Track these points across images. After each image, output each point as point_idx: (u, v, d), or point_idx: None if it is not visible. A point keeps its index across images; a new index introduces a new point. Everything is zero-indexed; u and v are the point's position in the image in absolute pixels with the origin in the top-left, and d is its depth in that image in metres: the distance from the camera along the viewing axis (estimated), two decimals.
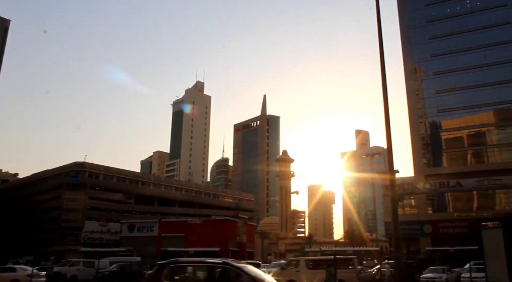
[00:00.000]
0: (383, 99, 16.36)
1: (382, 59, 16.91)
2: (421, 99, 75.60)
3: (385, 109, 16.25)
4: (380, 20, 17.39)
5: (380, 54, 16.97)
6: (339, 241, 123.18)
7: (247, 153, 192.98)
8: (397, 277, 19.82)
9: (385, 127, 16.21)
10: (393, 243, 17.97)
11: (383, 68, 16.73)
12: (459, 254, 50.72)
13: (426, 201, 69.90)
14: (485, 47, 71.91)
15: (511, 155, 69.43)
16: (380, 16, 17.47)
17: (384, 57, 16.92)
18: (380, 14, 17.49)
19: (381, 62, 16.85)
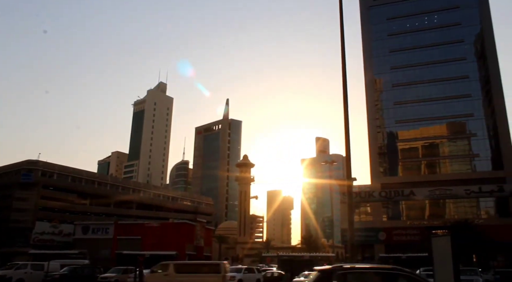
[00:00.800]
0: (343, 108, 16.79)
1: (344, 70, 17.35)
2: (380, 110, 77.89)
3: (345, 118, 16.67)
4: (343, 31, 17.86)
5: (342, 65, 17.41)
6: (296, 246, 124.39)
7: (208, 156, 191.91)
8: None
9: (344, 136, 16.62)
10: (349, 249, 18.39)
11: (344, 79, 17.16)
12: (411, 261, 52.46)
13: (382, 208, 71.89)
14: (440, 63, 75.16)
15: (460, 167, 72.67)
16: (343, 28, 17.94)
17: (345, 68, 17.38)
18: (343, 26, 17.95)
19: (343, 73, 17.28)
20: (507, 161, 67.27)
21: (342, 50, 17.51)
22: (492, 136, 70.19)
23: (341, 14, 18.11)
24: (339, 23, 18.00)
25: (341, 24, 17.97)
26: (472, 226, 55.51)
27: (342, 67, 17.31)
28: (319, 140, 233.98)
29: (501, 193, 63.79)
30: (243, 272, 36.05)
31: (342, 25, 17.95)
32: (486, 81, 72.36)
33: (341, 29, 17.87)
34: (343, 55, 17.48)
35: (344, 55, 17.47)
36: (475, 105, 72.26)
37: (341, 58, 17.43)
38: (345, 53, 17.48)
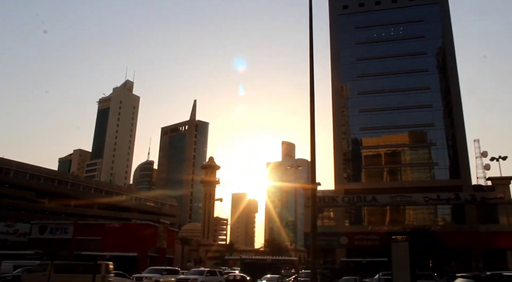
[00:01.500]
0: (310, 114, 17.01)
1: (312, 76, 17.60)
2: (345, 117, 79.36)
3: (311, 124, 16.90)
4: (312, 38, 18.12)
5: (310, 71, 17.66)
6: (259, 249, 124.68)
7: (173, 157, 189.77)
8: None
9: (310, 141, 16.85)
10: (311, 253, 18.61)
11: (312, 85, 17.40)
12: (371, 265, 53.69)
13: (344, 213, 73.16)
14: (404, 73, 77.45)
15: (420, 174, 75.03)
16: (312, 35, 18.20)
17: (313, 74, 17.63)
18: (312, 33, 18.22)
19: (310, 79, 17.52)
20: (463, 170, 69.95)
21: (310, 57, 17.77)
22: (451, 146, 72.84)
23: (311, 21, 18.37)
24: (308, 30, 18.26)
25: (310, 31, 18.24)
26: (429, 232, 57.39)
27: (310, 74, 17.56)
28: (285, 144, 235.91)
29: (457, 200, 66.26)
30: (205, 275, 35.78)
31: (311, 32, 18.21)
32: (447, 92, 75.09)
33: (310, 36, 18.14)
34: (311, 61, 17.73)
35: (312, 61, 17.74)
36: (435, 116, 74.82)
37: (309, 65, 17.68)
38: (313, 60, 17.75)
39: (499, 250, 62.98)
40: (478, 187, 70.89)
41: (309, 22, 18.37)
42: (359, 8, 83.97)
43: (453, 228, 66.79)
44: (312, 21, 18.38)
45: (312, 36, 18.14)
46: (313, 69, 17.66)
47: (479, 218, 65.81)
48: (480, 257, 62.83)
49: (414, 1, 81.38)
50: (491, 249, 62.92)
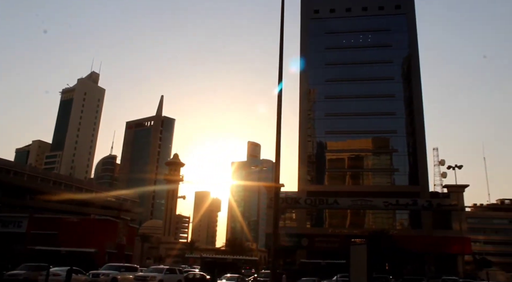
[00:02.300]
0: (276, 115, 17.16)
1: (280, 78, 17.75)
2: (312, 120, 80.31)
3: (278, 125, 17.04)
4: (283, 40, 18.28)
5: (279, 73, 17.81)
6: (220, 248, 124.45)
7: (137, 153, 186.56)
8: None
9: (275, 142, 16.98)
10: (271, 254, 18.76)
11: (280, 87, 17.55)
12: (330, 267, 54.62)
13: (306, 215, 74.04)
14: (371, 80, 79.24)
15: (381, 179, 76.97)
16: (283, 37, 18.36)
17: (282, 76, 17.78)
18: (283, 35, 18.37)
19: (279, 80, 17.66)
20: (422, 177, 72.29)
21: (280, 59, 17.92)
22: (411, 153, 75.09)
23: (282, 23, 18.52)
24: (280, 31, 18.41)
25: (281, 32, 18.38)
26: (387, 236, 58.89)
27: (278, 75, 17.71)
28: (250, 144, 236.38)
29: (415, 206, 68.41)
30: (164, 273, 35.33)
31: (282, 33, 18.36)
32: (410, 101, 77.35)
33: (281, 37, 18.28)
34: (281, 64, 17.89)
35: (281, 63, 17.90)
36: (398, 123, 76.96)
37: (278, 67, 17.83)
38: (282, 62, 17.91)
39: (451, 255, 65.55)
40: (434, 194, 73.48)
41: (281, 24, 18.51)
42: (330, 13, 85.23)
43: (410, 233, 68.85)
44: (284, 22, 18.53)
45: (282, 38, 18.30)
46: (281, 71, 17.83)
47: (434, 224, 68.22)
48: (434, 261, 65.20)
49: (383, 11, 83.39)
50: (444, 253, 65.41)
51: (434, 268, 63.29)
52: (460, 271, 63.62)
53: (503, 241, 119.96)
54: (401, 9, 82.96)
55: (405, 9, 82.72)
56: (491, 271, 58.27)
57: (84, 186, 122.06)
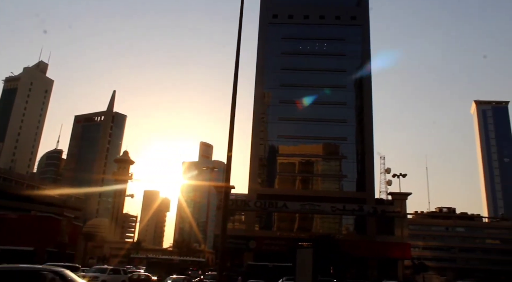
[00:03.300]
0: (230, 117, 17.14)
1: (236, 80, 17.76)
2: (265, 123, 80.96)
3: (231, 127, 17.03)
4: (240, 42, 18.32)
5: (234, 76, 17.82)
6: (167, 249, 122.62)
7: (85, 148, 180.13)
8: None
9: (227, 144, 16.96)
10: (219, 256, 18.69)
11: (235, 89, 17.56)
12: (277, 270, 55.13)
13: (255, 218, 74.37)
14: (324, 87, 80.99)
15: (330, 185, 78.81)
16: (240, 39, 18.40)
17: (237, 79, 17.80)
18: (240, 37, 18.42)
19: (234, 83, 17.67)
20: (369, 184, 74.73)
21: (236, 61, 17.93)
22: (360, 160, 77.40)
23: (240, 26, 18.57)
24: (237, 33, 18.44)
25: (238, 35, 18.42)
26: (333, 240, 60.31)
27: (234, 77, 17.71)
28: (203, 145, 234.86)
29: (361, 212, 70.51)
30: (107, 273, 34.31)
31: (239, 36, 18.40)
32: (361, 110, 79.79)
33: (238, 39, 18.32)
34: (237, 65, 17.90)
35: (237, 65, 17.91)
36: (349, 130, 79.15)
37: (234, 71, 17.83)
38: (238, 64, 17.93)
39: (392, 260, 68.14)
40: (379, 201, 76.15)
41: (239, 26, 18.55)
42: (288, 19, 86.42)
43: (355, 237, 70.87)
44: (242, 25, 18.59)
45: (239, 40, 18.34)
46: (237, 73, 17.84)
47: (378, 229, 70.62)
48: (376, 265, 67.48)
49: (340, 21, 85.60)
50: (386, 258, 67.88)
51: (376, 272, 65.49)
52: (400, 275, 66.20)
53: (440, 247, 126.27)
54: (356, 21, 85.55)
55: (360, 20, 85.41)
56: (427, 275, 61.19)
57: (26, 181, 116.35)
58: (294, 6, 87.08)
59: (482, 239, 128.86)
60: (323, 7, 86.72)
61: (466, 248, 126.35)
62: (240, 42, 18.39)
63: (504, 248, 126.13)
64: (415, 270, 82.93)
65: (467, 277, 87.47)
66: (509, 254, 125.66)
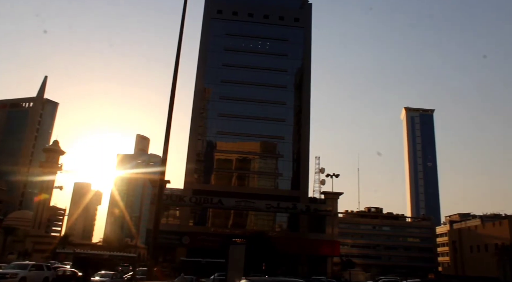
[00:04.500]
0: (168, 111, 16.84)
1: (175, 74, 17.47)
2: (204, 119, 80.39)
3: (168, 121, 16.74)
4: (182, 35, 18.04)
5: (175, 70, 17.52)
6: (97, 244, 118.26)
7: (10, 135, 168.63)
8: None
9: (164, 137, 16.67)
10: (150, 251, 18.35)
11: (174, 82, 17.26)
12: (210, 265, 55.03)
13: (190, 213, 73.68)
14: (265, 86, 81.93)
15: (266, 183, 79.88)
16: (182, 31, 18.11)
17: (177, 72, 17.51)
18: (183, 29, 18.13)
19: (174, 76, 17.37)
20: (303, 182, 76.70)
21: (177, 55, 17.64)
22: (295, 159, 79.19)
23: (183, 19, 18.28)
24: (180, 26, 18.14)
25: (181, 28, 18.12)
26: (266, 237, 61.30)
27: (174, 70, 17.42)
28: (139, 137, 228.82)
29: (295, 210, 72.29)
30: (28, 269, 32.36)
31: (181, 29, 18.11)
32: (299, 110, 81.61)
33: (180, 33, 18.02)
34: (177, 59, 17.61)
35: (178, 59, 17.62)
36: (286, 130, 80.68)
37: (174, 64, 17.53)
38: (179, 57, 17.64)
39: (322, 257, 70.55)
40: (313, 199, 78.38)
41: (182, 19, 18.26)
42: (232, 16, 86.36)
43: (287, 235, 72.48)
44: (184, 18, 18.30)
45: (182, 33, 18.04)
46: (177, 66, 17.55)
47: (310, 227, 72.73)
48: (307, 262, 69.52)
49: (283, 21, 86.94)
50: (316, 255, 70.15)
51: (307, 269, 67.44)
52: (329, 272, 68.66)
53: (366, 244, 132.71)
54: (299, 23, 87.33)
55: (303, 23, 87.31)
56: (354, 272, 63.93)
57: None
58: (239, 3, 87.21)
59: (404, 238, 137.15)
60: (267, 7, 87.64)
61: (390, 246, 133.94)
62: (182, 35, 18.10)
63: (423, 246, 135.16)
64: (343, 267, 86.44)
65: (389, 273, 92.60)
66: (427, 251, 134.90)
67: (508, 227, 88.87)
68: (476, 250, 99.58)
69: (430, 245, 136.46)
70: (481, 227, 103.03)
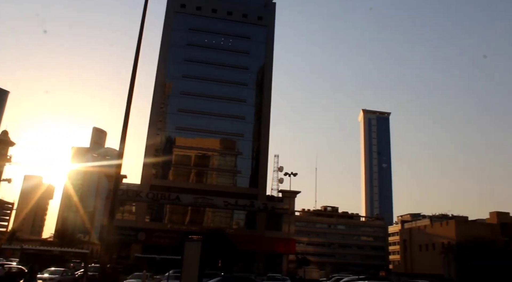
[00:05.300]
0: (126, 104, 16.52)
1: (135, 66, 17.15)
2: (164, 114, 79.26)
3: (126, 114, 16.42)
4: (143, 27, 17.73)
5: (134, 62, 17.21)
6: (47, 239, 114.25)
7: None
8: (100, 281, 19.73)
9: (121, 131, 16.33)
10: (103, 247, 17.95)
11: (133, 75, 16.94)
12: (165, 262, 54.50)
13: (146, 209, 72.50)
14: (227, 83, 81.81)
15: (224, 180, 79.79)
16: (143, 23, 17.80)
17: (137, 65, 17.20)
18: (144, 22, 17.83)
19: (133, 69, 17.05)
20: (261, 180, 77.22)
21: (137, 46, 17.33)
22: (255, 157, 79.59)
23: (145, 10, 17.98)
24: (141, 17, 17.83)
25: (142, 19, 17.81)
26: (223, 234, 61.30)
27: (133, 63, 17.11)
28: (96, 130, 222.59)
29: (252, 208, 72.67)
30: None
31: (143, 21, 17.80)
32: (259, 108, 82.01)
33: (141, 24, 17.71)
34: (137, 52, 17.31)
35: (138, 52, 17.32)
36: (246, 127, 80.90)
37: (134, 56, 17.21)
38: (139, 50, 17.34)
39: (278, 254, 71.40)
40: (270, 197, 79.08)
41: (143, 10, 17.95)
42: (196, 11, 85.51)
43: (244, 232, 72.73)
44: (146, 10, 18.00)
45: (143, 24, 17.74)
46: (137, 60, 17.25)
47: (267, 225, 73.40)
48: (263, 259, 70.15)
49: (247, 19, 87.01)
50: (272, 253, 70.91)
51: (263, 266, 68.04)
52: (284, 269, 69.57)
53: (322, 243, 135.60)
54: (262, 21, 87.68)
55: (266, 21, 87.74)
56: (308, 269, 65.18)
57: None
58: None
59: (358, 236, 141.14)
60: (231, 3, 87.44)
61: (345, 244, 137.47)
62: (143, 27, 17.79)
63: (376, 244, 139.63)
64: (298, 265, 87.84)
65: (343, 271, 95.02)
66: (380, 250, 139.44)
67: (454, 227, 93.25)
68: (424, 248, 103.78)
69: (383, 244, 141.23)
70: (430, 227, 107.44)
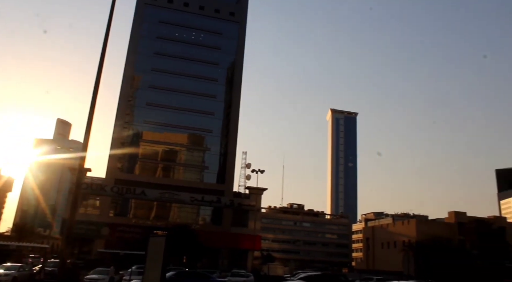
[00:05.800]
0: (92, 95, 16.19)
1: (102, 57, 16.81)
2: (132, 107, 77.88)
3: (91, 106, 16.09)
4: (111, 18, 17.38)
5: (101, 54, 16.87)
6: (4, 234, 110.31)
7: None
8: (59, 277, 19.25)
9: (86, 124, 16.00)
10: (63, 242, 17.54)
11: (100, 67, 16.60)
12: (129, 257, 53.72)
13: (111, 204, 71.06)
14: (196, 78, 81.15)
15: (192, 175, 79.26)
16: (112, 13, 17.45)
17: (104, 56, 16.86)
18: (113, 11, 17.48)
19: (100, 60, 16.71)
20: (229, 177, 77.15)
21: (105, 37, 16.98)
22: (223, 153, 79.42)
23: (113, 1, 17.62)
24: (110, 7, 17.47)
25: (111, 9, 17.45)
26: (189, 230, 60.97)
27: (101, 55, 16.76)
28: (60, 122, 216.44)
29: (219, 204, 72.59)
30: None
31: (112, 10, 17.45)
32: (229, 104, 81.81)
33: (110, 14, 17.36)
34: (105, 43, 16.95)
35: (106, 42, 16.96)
36: (215, 123, 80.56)
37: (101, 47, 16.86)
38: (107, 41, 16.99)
39: (243, 250, 71.65)
40: (237, 194, 79.22)
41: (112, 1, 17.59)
42: (167, 3, 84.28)
43: (210, 228, 72.55)
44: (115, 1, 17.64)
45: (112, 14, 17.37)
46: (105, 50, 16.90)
47: (233, 221, 73.47)
48: (228, 255, 70.23)
49: (219, 14, 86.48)
50: (238, 249, 71.10)
51: (227, 262, 68.13)
52: (249, 265, 69.90)
53: (287, 239, 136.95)
54: (234, 17, 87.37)
55: (238, 17, 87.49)
56: (272, 266, 65.68)
57: None
58: None
59: (323, 234, 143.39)
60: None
61: (310, 241, 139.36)
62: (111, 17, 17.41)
63: (340, 242, 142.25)
64: (263, 261, 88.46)
65: (307, 267, 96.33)
66: (344, 247, 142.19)
67: (415, 225, 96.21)
68: (386, 246, 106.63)
69: (347, 241, 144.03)
70: (392, 225, 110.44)
